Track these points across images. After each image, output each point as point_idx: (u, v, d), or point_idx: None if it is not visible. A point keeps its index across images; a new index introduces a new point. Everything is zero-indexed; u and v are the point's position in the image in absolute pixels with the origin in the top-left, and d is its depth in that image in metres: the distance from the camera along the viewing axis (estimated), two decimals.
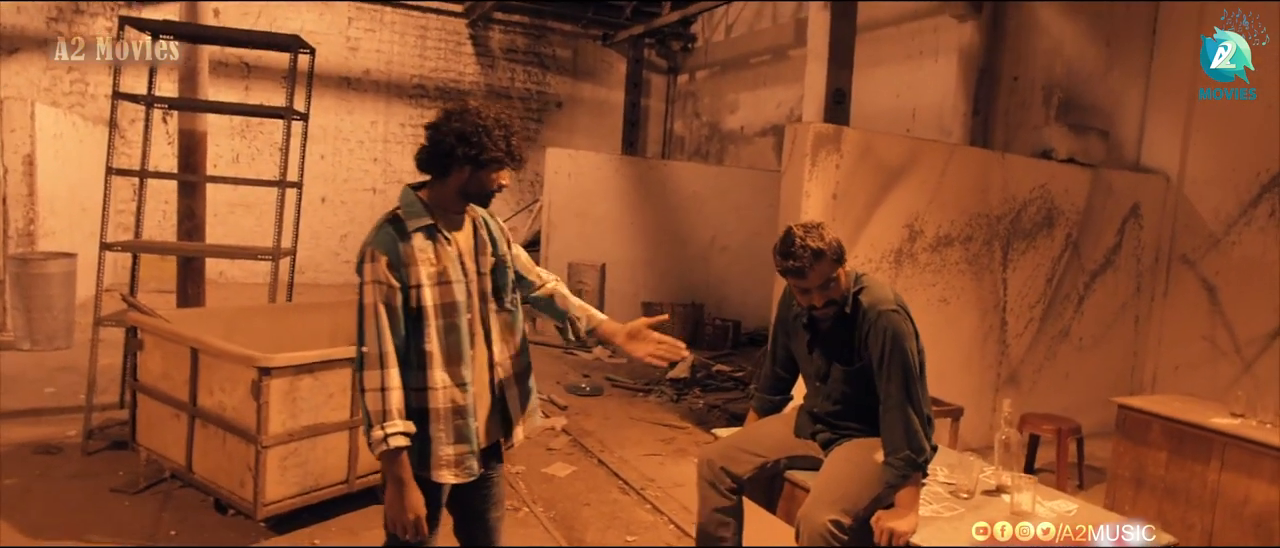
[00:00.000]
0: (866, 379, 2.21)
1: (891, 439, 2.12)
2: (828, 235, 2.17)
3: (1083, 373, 5.65)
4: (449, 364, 1.92)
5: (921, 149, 4.83)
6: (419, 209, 1.93)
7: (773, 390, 2.60)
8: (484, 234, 2.05)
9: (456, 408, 1.93)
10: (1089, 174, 5.49)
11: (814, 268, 2.14)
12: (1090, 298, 5.64)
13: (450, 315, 1.92)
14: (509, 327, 2.08)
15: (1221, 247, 5.54)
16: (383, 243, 1.88)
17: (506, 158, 1.92)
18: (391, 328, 1.86)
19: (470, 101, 1.94)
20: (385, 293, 1.85)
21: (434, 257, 1.91)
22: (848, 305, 2.23)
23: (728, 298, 9.04)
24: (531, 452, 4.55)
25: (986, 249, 5.11)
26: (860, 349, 2.21)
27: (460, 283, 1.94)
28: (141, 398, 3.57)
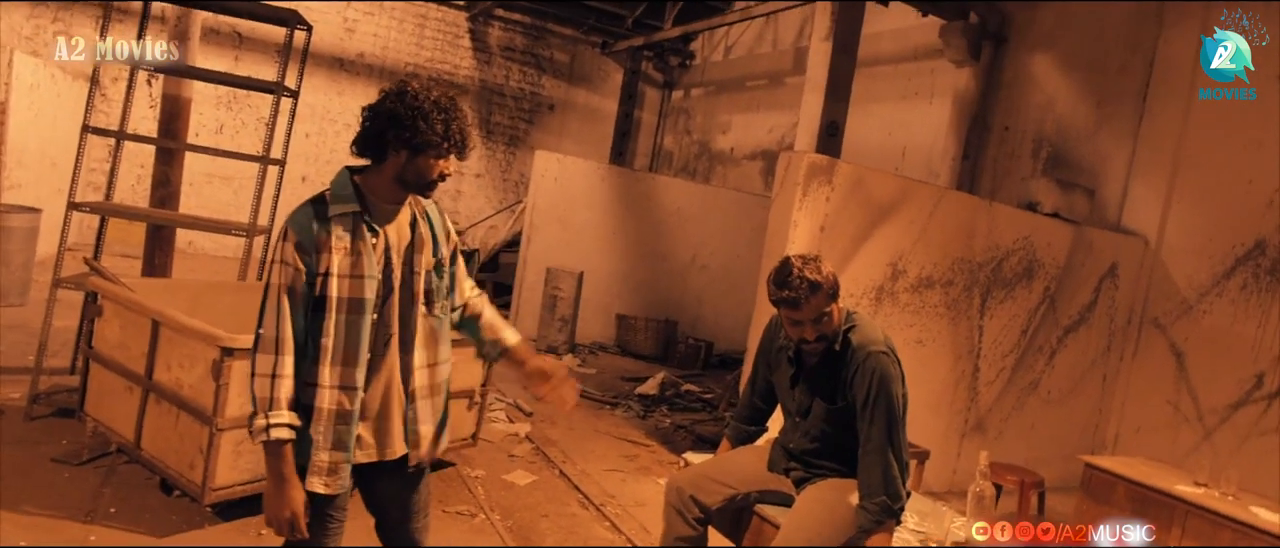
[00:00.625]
0: (848, 420, 2.18)
1: (869, 483, 2.09)
2: (825, 269, 2.13)
3: (1048, 426, 5.68)
4: (342, 363, 1.79)
5: (912, 189, 4.84)
6: (348, 194, 1.81)
7: (749, 421, 2.56)
8: (423, 230, 1.89)
9: (340, 412, 1.79)
10: (1072, 230, 5.54)
11: (809, 301, 2.11)
12: (1062, 353, 5.68)
13: (353, 312, 1.79)
14: (433, 335, 1.92)
15: (1193, 314, 5.62)
16: (297, 223, 1.78)
17: (444, 143, 1.78)
18: (291, 313, 1.76)
19: (411, 83, 1.80)
20: (290, 275, 1.76)
21: (350, 247, 1.78)
22: (837, 343, 2.19)
23: (702, 318, 9.01)
24: (493, 457, 4.46)
25: (966, 295, 5.13)
26: (845, 388, 2.17)
27: (373, 279, 1.80)
28: (94, 366, 3.44)
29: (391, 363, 1.86)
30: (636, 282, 8.75)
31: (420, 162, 1.79)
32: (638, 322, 8.36)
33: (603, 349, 8.33)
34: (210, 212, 9.09)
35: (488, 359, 2.11)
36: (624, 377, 7.12)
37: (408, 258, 1.87)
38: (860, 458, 2.14)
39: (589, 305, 8.17)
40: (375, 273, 1.80)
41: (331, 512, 1.86)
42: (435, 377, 1.95)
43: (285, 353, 1.75)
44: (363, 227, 1.79)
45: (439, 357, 1.96)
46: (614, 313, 8.61)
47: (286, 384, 1.75)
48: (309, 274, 1.77)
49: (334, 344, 1.78)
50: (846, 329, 2.20)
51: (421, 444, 1.93)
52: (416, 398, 1.91)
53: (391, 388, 1.88)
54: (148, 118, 8.64)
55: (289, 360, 1.75)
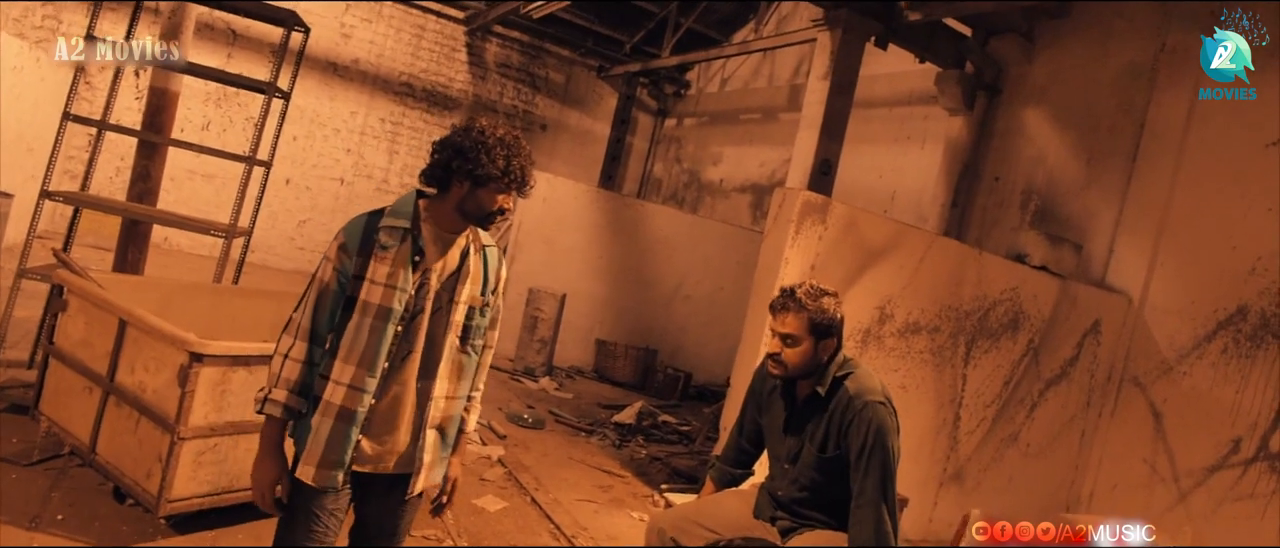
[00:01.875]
0: (839, 469, 2.11)
1: (861, 536, 2.02)
2: (827, 303, 2.12)
3: (1026, 479, 5.64)
4: (357, 364, 1.84)
5: (904, 234, 4.82)
6: (406, 211, 1.90)
7: (735, 463, 2.48)
8: (475, 265, 1.95)
9: (344, 410, 1.84)
10: (1058, 284, 5.55)
11: (787, 314, 2.12)
12: (1043, 406, 5.66)
13: (379, 318, 1.85)
14: (459, 369, 1.97)
15: (1172, 375, 5.63)
16: (350, 227, 1.89)
17: (503, 178, 1.84)
18: (319, 304, 1.88)
19: (480, 119, 1.89)
20: (329, 272, 1.87)
21: (391, 257, 1.86)
22: (822, 387, 2.13)
23: (684, 348, 8.94)
24: (464, 478, 4.32)
25: (952, 342, 5.10)
26: (839, 437, 2.11)
27: (404, 293, 1.86)
28: (54, 363, 3.29)
29: (408, 380, 1.90)
30: (619, 308, 8.67)
31: (481, 194, 1.86)
32: (617, 348, 8.27)
33: (580, 374, 8.22)
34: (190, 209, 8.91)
35: None
36: (601, 403, 7.01)
37: (449, 285, 1.92)
38: (852, 511, 2.07)
39: (569, 328, 8.07)
40: (407, 287, 1.86)
41: (317, 511, 1.88)
42: (451, 409, 1.98)
43: (303, 339, 1.87)
44: (408, 242, 1.87)
45: (459, 391, 1.99)
46: (594, 338, 8.51)
47: (296, 368, 1.86)
48: (344, 274, 1.86)
49: (353, 344, 1.84)
50: (842, 375, 2.15)
51: (420, 473, 1.95)
52: (427, 426, 1.93)
53: (403, 405, 1.90)
54: (132, 109, 8.47)
55: (304, 347, 1.86)
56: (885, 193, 8.12)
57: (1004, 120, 7.15)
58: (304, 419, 1.89)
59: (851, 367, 2.18)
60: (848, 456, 2.10)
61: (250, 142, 3.95)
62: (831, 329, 2.13)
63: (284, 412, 1.87)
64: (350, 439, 1.84)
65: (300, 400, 1.88)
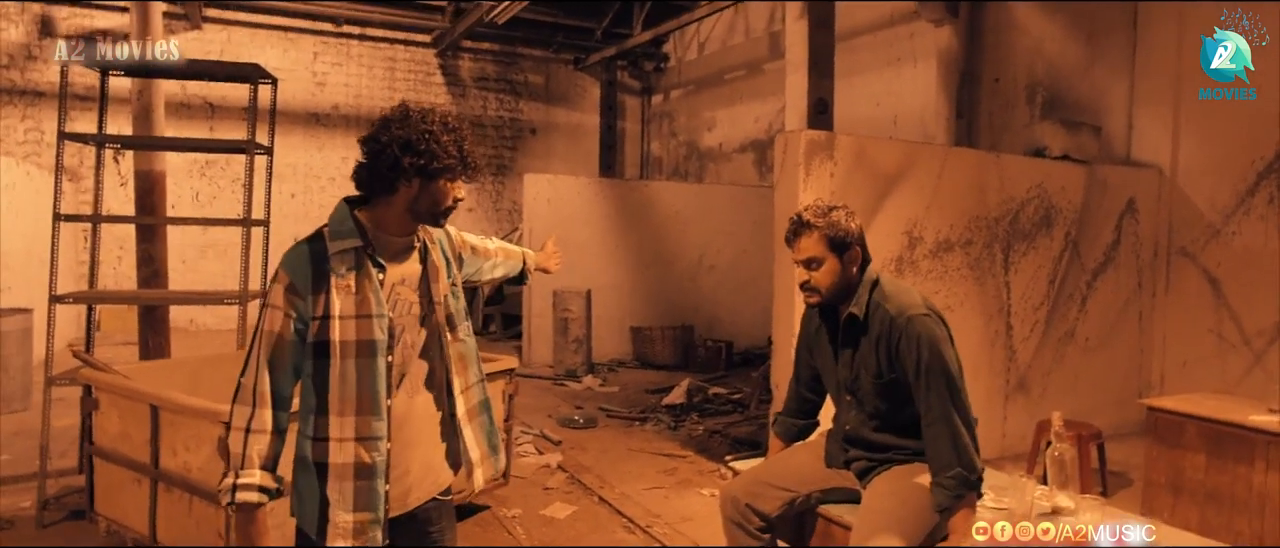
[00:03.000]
0: (901, 392, 2.01)
1: (939, 456, 1.92)
2: (837, 216, 2.07)
3: (1091, 374, 5.48)
4: (357, 413, 1.63)
5: (916, 153, 4.68)
6: (349, 229, 1.66)
7: (798, 414, 2.38)
8: (436, 258, 1.78)
9: (360, 467, 1.64)
10: (1084, 171, 5.37)
11: (799, 239, 2.08)
12: (1093, 297, 5.49)
13: (364, 356, 1.63)
14: (462, 359, 1.82)
15: (1221, 237, 5.43)
16: (290, 263, 1.64)
17: (460, 166, 1.65)
18: (274, 361, 1.62)
19: (411, 105, 1.66)
20: (278, 321, 1.62)
21: (354, 285, 1.64)
22: (859, 308, 2.03)
23: (718, 319, 8.83)
24: (527, 492, 4.28)
25: (987, 253, 4.95)
26: (890, 359, 2.01)
27: (383, 318, 1.65)
28: (98, 462, 3.26)
29: (416, 400, 1.73)
30: (646, 292, 8.58)
31: (435, 188, 1.66)
32: (653, 332, 8.18)
33: (621, 365, 8.15)
34: (208, 286, 8.96)
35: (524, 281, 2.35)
36: (648, 389, 6.93)
37: (424, 291, 1.74)
38: (924, 433, 1.97)
39: (602, 322, 7.99)
40: (383, 311, 1.65)
41: None
42: (473, 399, 1.85)
43: (262, 405, 1.61)
44: (367, 262, 1.65)
45: (470, 379, 1.85)
46: (628, 326, 8.43)
47: (261, 440, 1.61)
48: (301, 319, 1.62)
49: (343, 392, 1.63)
50: (876, 296, 2.05)
51: (474, 471, 1.83)
52: (461, 425, 1.81)
53: (421, 428, 1.75)
54: (119, 196, 8.51)
55: (267, 415, 1.61)
56: (886, 120, 7.93)
57: (992, 19, 6.92)
58: (303, 491, 1.69)
59: (884, 284, 2.09)
60: (905, 377, 2.00)
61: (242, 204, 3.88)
62: (849, 240, 2.04)
63: (260, 494, 1.62)
64: (379, 494, 1.64)
65: (274, 477, 1.65)
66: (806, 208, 2.11)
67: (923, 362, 1.95)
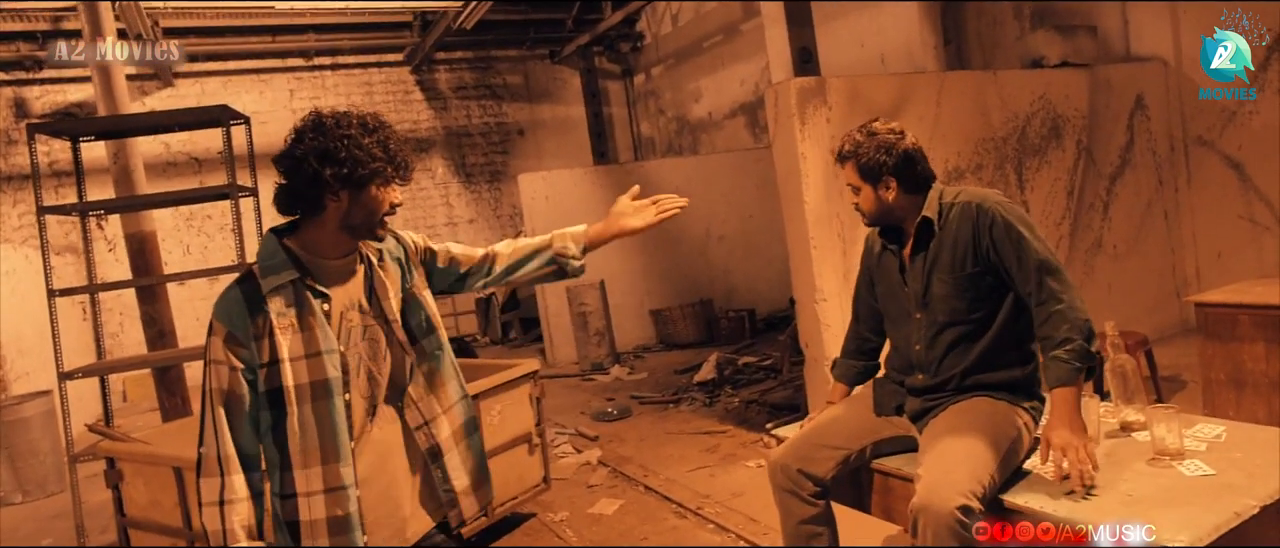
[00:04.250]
0: (982, 287, 1.93)
1: (1056, 329, 1.82)
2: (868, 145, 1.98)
3: (1124, 281, 5.33)
4: (322, 462, 1.50)
5: (911, 84, 4.52)
6: (280, 261, 1.52)
7: (858, 355, 2.29)
8: (382, 273, 1.61)
9: (332, 521, 1.51)
10: (1086, 74, 5.19)
11: (842, 166, 2.05)
12: (1114, 202, 5.33)
13: (320, 397, 1.49)
14: (433, 376, 1.65)
15: (1238, 119, 5.24)
16: (223, 312, 1.50)
17: (388, 167, 1.50)
18: (231, 421, 1.48)
19: (324, 111, 1.52)
20: (224, 376, 1.48)
21: (296, 322, 1.49)
22: (931, 210, 1.98)
23: (735, 288, 8.70)
24: (572, 492, 4.19)
25: (1000, 174, 4.80)
26: (974, 251, 1.93)
27: (334, 353, 1.51)
28: (134, 533, 3.19)
29: (383, 435, 1.58)
30: (659, 273, 8.46)
31: (366, 197, 1.50)
32: (673, 312, 8.07)
33: (646, 350, 8.05)
34: None
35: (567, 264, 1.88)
36: (677, 370, 6.83)
37: (377, 311, 1.58)
38: (1038, 314, 1.87)
39: (620, 311, 7.88)
40: (334, 345, 1.51)
41: None
42: (454, 421, 1.67)
43: (232, 472, 1.47)
44: (306, 294, 1.51)
45: (451, 397, 1.67)
46: (647, 310, 8.32)
47: (241, 509, 1.47)
48: (249, 368, 1.49)
49: (304, 442, 1.49)
50: (951, 199, 1.98)
51: (459, 502, 1.66)
52: (442, 453, 1.63)
53: (392, 463, 1.59)
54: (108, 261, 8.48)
55: (238, 480, 1.48)
56: (873, 60, 7.74)
57: None
58: None
59: (956, 188, 2.02)
60: (993, 267, 1.91)
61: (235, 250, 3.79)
62: (880, 170, 1.95)
63: None
64: (357, 543, 1.53)
65: (262, 542, 1.52)
66: (848, 135, 2.06)
67: (1023, 242, 1.87)
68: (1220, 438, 1.84)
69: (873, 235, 2.18)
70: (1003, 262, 1.89)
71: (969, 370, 1.95)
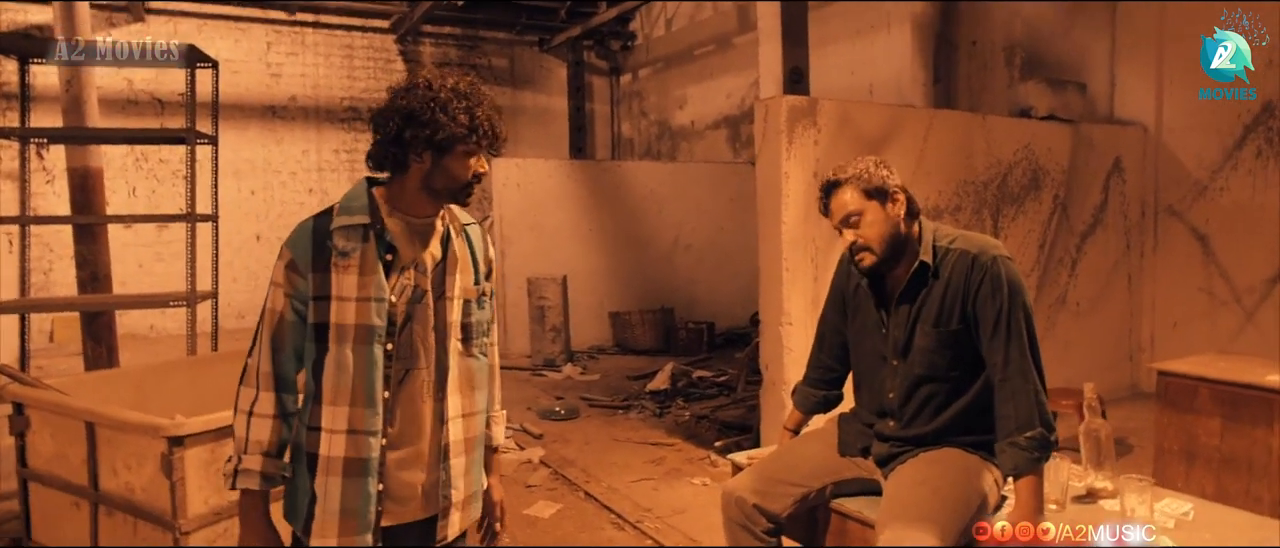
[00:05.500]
0: (963, 345, 1.83)
1: (1017, 414, 1.74)
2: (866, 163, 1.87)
3: (1083, 339, 5.36)
4: (350, 404, 1.50)
5: (901, 117, 4.48)
6: (361, 205, 1.54)
7: (820, 384, 2.18)
8: (460, 250, 1.60)
9: (349, 462, 1.51)
10: (1070, 130, 5.22)
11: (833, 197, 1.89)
12: (1083, 260, 5.37)
13: (361, 341, 1.50)
14: (469, 378, 1.62)
15: (1209, 194, 5.32)
16: (293, 239, 1.54)
17: (471, 136, 1.49)
18: (276, 341, 1.54)
19: (424, 72, 1.52)
20: (280, 299, 1.53)
21: (358, 263, 1.50)
22: (927, 253, 1.85)
23: (698, 299, 8.62)
24: (508, 490, 4.00)
25: (976, 218, 4.79)
26: (963, 305, 1.82)
27: (383, 302, 1.51)
28: (33, 487, 2.97)
29: (416, 403, 1.56)
30: (624, 275, 8.35)
31: (449, 162, 1.51)
32: (632, 316, 7.97)
33: (601, 352, 7.92)
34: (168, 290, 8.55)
35: None
36: (630, 376, 6.72)
37: (437, 280, 1.57)
38: (998, 387, 1.78)
39: (579, 309, 7.75)
40: (384, 295, 1.51)
41: None
42: (471, 429, 1.63)
43: (266, 388, 1.54)
44: (372, 241, 1.52)
45: (476, 405, 1.64)
46: (606, 312, 8.20)
47: (264, 425, 1.54)
48: (299, 298, 1.52)
49: (338, 380, 1.50)
50: (949, 242, 1.86)
51: (450, 514, 1.60)
52: (450, 455, 1.58)
53: (417, 434, 1.57)
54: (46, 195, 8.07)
55: (270, 398, 1.54)
56: (861, 89, 7.74)
57: None
58: (294, 485, 1.56)
59: (953, 231, 1.90)
60: (977, 325, 1.81)
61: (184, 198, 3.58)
62: (887, 187, 1.84)
63: (263, 481, 1.54)
64: (370, 494, 1.51)
65: (279, 463, 1.56)
66: (836, 168, 1.92)
67: (1004, 309, 1.77)
68: (1188, 517, 1.79)
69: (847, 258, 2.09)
70: (979, 319, 1.81)
71: (943, 429, 1.87)
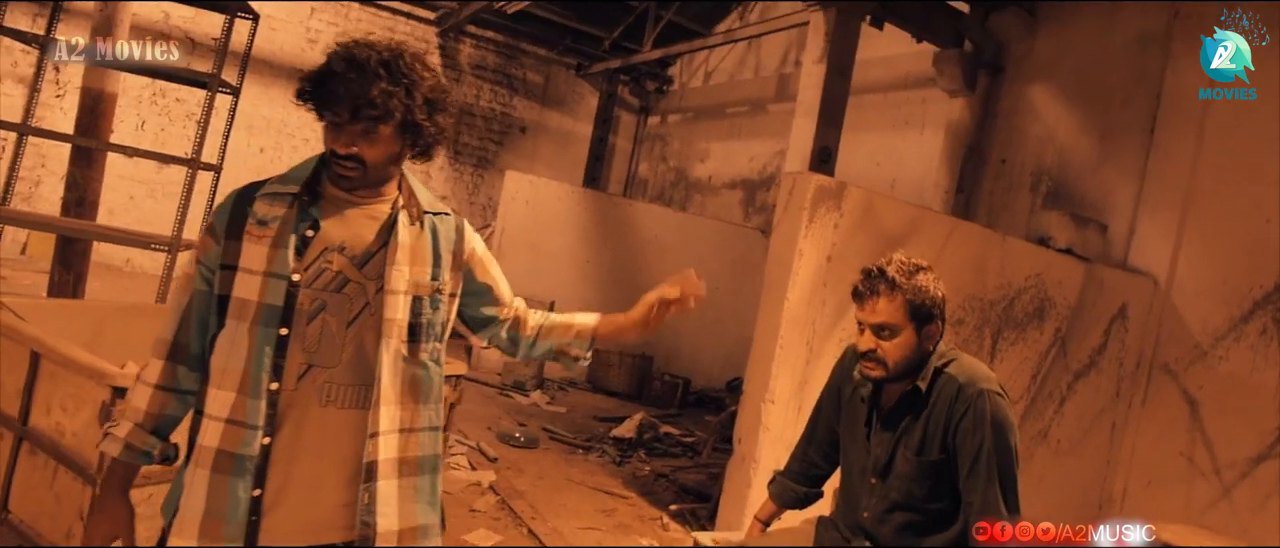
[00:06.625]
0: (943, 477, 1.72)
1: None
2: (924, 279, 1.71)
3: (1057, 479, 5.26)
4: (236, 390, 1.34)
5: (923, 219, 4.44)
6: (301, 175, 1.43)
7: (802, 479, 2.07)
8: (413, 240, 1.42)
9: (221, 456, 1.32)
10: (1083, 268, 5.19)
11: (877, 300, 1.74)
12: (1072, 399, 5.29)
13: (258, 321, 1.34)
14: (413, 387, 1.42)
15: (1207, 360, 5.27)
16: (221, 205, 1.45)
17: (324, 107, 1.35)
18: (185, 311, 1.43)
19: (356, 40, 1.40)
20: (194, 265, 1.44)
21: (275, 236, 1.36)
22: (924, 380, 1.74)
23: (679, 352, 8.51)
24: (451, 511, 3.88)
25: (977, 335, 4.72)
26: (944, 436, 1.72)
27: (282, 282, 1.35)
28: None
29: (326, 409, 1.36)
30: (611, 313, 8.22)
31: (325, 132, 1.39)
32: (610, 356, 7.84)
33: (573, 385, 7.77)
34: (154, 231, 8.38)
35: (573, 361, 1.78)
36: (597, 416, 6.57)
37: (373, 269, 1.40)
38: (971, 530, 1.70)
39: None
40: (286, 271, 1.35)
41: None
42: (411, 447, 1.41)
43: (158, 357, 1.43)
44: (295, 210, 1.39)
45: (421, 420, 1.43)
46: None
47: (145, 393, 1.42)
48: (207, 266, 1.42)
49: (227, 361, 1.36)
50: (942, 364, 1.75)
51: (373, 543, 1.37)
52: (378, 476, 1.36)
53: (320, 443, 1.36)
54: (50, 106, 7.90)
55: (159, 367, 1.42)
56: (884, 181, 7.75)
57: (1008, 100, 6.79)
58: (179, 474, 1.39)
59: (953, 353, 1.80)
60: (956, 458, 1.70)
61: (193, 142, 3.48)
62: (934, 311, 1.74)
63: (125, 451, 1.40)
64: (237, 497, 1.32)
65: (152, 439, 1.41)
66: (889, 261, 1.81)
67: (985, 447, 1.68)
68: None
69: (851, 355, 2.00)
70: (958, 452, 1.72)
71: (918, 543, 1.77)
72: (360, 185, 1.42)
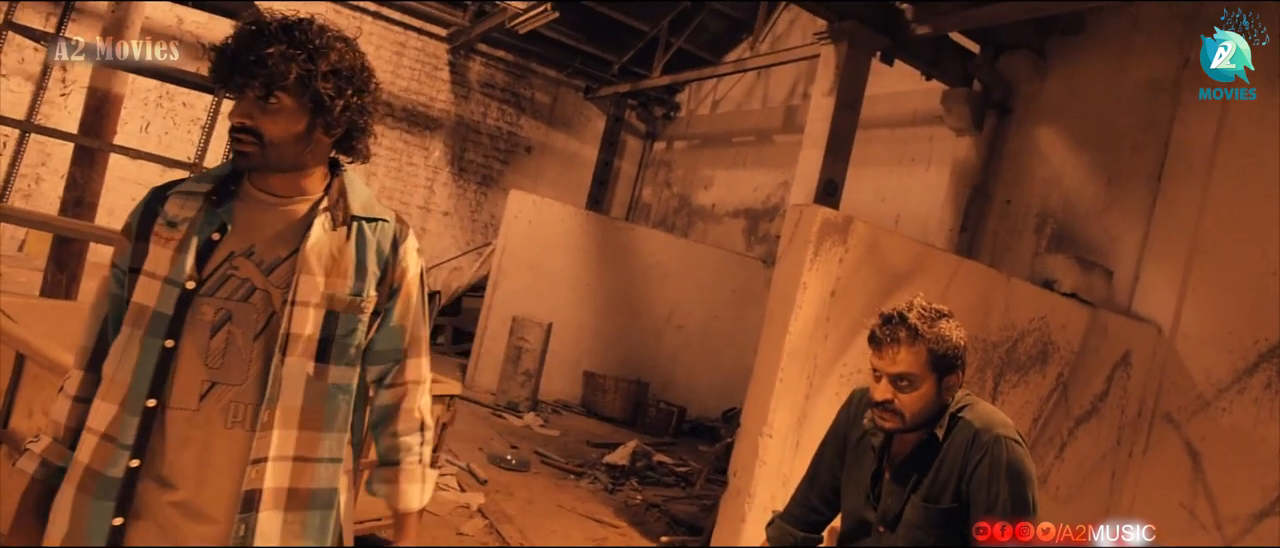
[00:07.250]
0: (954, 526, 1.65)
1: None
2: (947, 327, 1.64)
3: None
4: (118, 402, 1.23)
5: (928, 257, 4.40)
6: (219, 173, 1.36)
7: (802, 524, 1.97)
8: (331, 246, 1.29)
9: (89, 473, 1.22)
10: (1088, 313, 5.14)
11: (898, 348, 1.63)
12: (1072, 445, 5.22)
13: (145, 328, 1.24)
14: (316, 412, 1.27)
15: (1210, 411, 5.21)
16: (138, 204, 1.35)
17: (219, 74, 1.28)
18: (103, 316, 1.33)
19: None
20: (112, 270, 1.34)
21: (180, 238, 1.26)
22: (942, 428, 1.67)
23: (676, 380, 8.43)
24: (438, 534, 3.80)
25: (979, 376, 4.66)
26: (958, 484, 1.64)
27: (176, 287, 1.23)
28: None
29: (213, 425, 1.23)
30: (608, 338, 8.17)
31: None
32: (606, 381, 7.76)
33: (567, 408, 7.69)
34: None
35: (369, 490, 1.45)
36: (590, 441, 6.49)
37: (280, 277, 1.26)
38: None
39: (556, 359, 7.55)
40: (181, 278, 1.24)
41: None
42: (304, 479, 1.25)
43: (77, 367, 1.34)
44: (204, 211, 1.29)
45: (321, 449, 1.28)
46: (582, 369, 8.00)
47: (64, 406, 1.31)
48: (118, 268, 1.32)
49: (116, 373, 1.25)
50: (958, 410, 1.69)
51: None
52: (259, 506, 1.22)
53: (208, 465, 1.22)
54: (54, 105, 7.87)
55: (79, 377, 1.32)
56: (888, 217, 7.73)
57: (1016, 141, 6.79)
58: None
59: (969, 399, 1.73)
60: (969, 507, 1.64)
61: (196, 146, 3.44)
62: (957, 362, 1.67)
63: (41, 468, 1.28)
64: (102, 525, 1.19)
65: (69, 454, 1.27)
66: (910, 306, 1.70)
67: (1000, 497, 1.60)
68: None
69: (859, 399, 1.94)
70: (972, 501, 1.64)
71: None
72: (262, 166, 1.28)
